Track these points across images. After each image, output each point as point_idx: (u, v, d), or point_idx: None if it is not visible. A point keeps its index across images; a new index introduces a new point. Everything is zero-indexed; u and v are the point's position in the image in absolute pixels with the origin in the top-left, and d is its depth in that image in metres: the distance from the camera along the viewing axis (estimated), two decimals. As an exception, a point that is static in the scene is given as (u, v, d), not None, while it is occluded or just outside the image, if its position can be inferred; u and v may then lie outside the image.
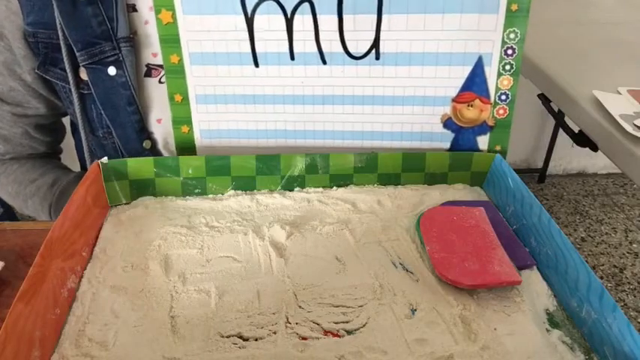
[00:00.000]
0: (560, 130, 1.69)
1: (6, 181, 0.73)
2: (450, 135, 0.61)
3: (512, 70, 0.59)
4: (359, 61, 0.58)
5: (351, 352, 0.40)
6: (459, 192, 0.61)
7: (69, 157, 0.83)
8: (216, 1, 0.55)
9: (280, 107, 0.60)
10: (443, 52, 0.58)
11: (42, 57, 0.61)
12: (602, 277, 1.63)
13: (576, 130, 0.82)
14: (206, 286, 0.46)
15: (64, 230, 0.46)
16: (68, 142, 0.81)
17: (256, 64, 0.58)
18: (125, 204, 0.57)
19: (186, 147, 0.62)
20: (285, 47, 0.57)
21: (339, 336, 0.42)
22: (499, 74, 0.59)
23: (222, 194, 0.58)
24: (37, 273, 0.40)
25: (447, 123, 0.61)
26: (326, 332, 0.42)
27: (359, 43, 0.57)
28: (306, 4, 0.55)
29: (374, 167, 0.60)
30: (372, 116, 0.61)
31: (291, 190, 0.59)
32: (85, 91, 0.62)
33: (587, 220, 1.89)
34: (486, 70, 0.59)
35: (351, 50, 0.58)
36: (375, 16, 0.56)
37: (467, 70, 0.59)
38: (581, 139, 0.79)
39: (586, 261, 0.45)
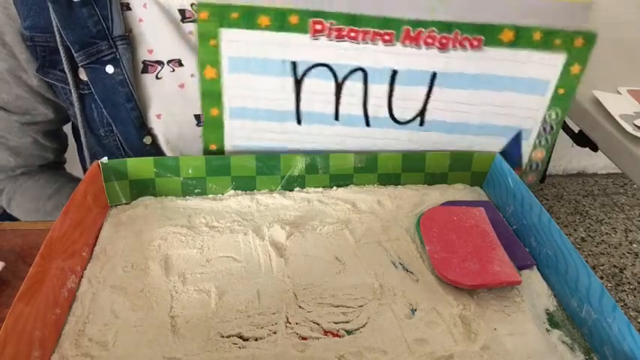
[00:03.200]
0: (560, 130, 1.69)
1: (22, 199, 0.72)
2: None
3: (546, 145, 0.61)
4: (403, 126, 0.59)
5: (351, 352, 0.40)
6: (459, 192, 0.61)
7: (69, 162, 0.83)
8: (264, 62, 0.55)
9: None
10: (484, 123, 0.59)
11: (40, 60, 0.62)
12: (602, 277, 1.62)
13: (576, 130, 0.82)
14: (206, 286, 0.46)
15: (64, 230, 0.46)
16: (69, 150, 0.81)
17: (299, 122, 0.58)
18: (125, 204, 0.57)
19: None
20: (331, 109, 0.58)
21: (339, 336, 0.42)
22: (534, 147, 0.61)
23: (222, 194, 0.58)
24: (37, 273, 0.40)
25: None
26: (326, 332, 0.42)
27: (405, 111, 0.58)
28: (359, 72, 0.56)
29: (374, 167, 0.60)
30: None
31: (291, 190, 0.59)
32: (85, 91, 0.63)
33: (587, 220, 1.89)
34: (523, 144, 0.61)
35: (397, 116, 0.58)
36: (426, 88, 0.57)
37: (504, 140, 0.61)
38: (581, 139, 0.79)
39: (586, 261, 0.45)
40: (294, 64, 0.55)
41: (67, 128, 0.78)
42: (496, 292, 0.46)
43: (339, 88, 0.56)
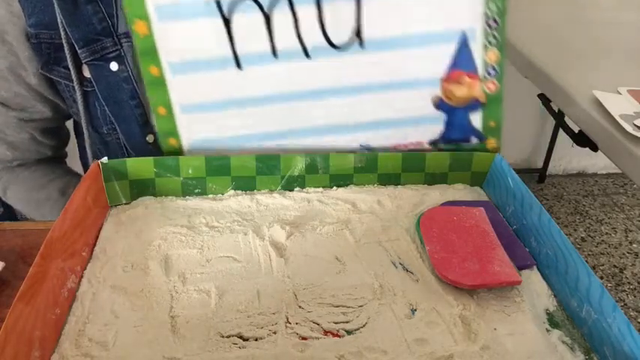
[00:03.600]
0: (560, 130, 1.69)
1: (16, 189, 0.73)
2: (442, 116, 0.60)
3: (497, 43, 0.57)
4: (343, 51, 0.57)
5: (351, 352, 0.40)
6: (459, 192, 0.61)
7: (70, 158, 0.83)
8: (192, 5, 0.53)
9: (268, 108, 0.59)
10: (426, 32, 0.57)
11: (45, 57, 0.62)
12: (602, 277, 1.62)
13: (576, 130, 0.82)
14: (206, 286, 0.46)
15: (64, 230, 0.46)
16: (70, 145, 0.81)
17: (239, 67, 0.57)
18: (125, 204, 0.57)
19: None
20: (267, 46, 0.56)
21: (339, 336, 0.42)
22: (485, 48, 0.58)
23: (222, 194, 0.58)
24: (37, 273, 0.40)
25: (439, 104, 0.60)
26: (326, 332, 0.42)
27: (341, 33, 0.56)
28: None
29: (374, 167, 0.60)
30: (362, 106, 0.59)
31: (291, 190, 0.59)
32: (88, 89, 0.63)
33: (587, 220, 1.89)
34: (471, 46, 0.58)
35: (334, 41, 0.56)
36: (353, 3, 0.55)
37: (452, 47, 0.58)
38: (581, 139, 0.79)
39: (586, 261, 0.45)
40: (218, 3, 0.54)
41: (69, 124, 0.78)
42: (496, 292, 0.46)
43: (267, 20, 0.55)
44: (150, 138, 0.65)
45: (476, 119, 0.61)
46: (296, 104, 0.59)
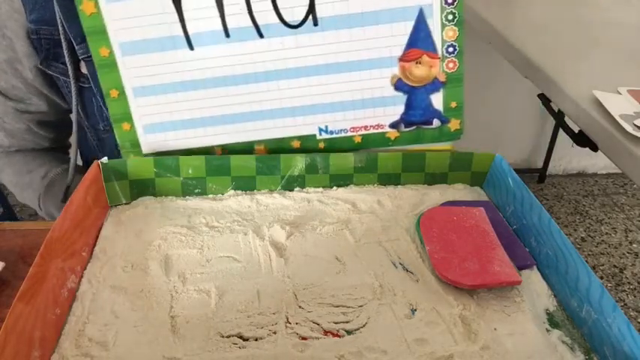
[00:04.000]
0: (560, 130, 1.69)
1: (9, 171, 0.74)
2: (402, 97, 0.59)
3: (455, 20, 0.56)
4: (297, 30, 0.56)
5: (351, 352, 0.40)
6: (459, 192, 0.61)
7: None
8: None
9: (222, 90, 0.57)
10: (381, 9, 0.55)
11: (44, 53, 0.63)
12: (602, 277, 1.62)
13: (576, 130, 0.82)
14: (206, 286, 0.46)
15: (64, 230, 0.46)
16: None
17: (191, 47, 0.55)
18: (125, 204, 0.57)
19: (131, 144, 0.58)
20: (218, 24, 0.55)
21: (339, 336, 0.42)
22: (443, 26, 0.57)
23: (222, 194, 0.58)
24: (37, 273, 0.40)
25: (398, 85, 0.59)
26: (326, 332, 0.42)
27: (294, 11, 0.55)
28: None
29: (374, 167, 0.60)
30: (319, 87, 0.58)
31: (291, 190, 0.59)
32: (85, 85, 0.64)
33: (587, 220, 1.89)
34: (429, 23, 0.56)
35: (287, 19, 0.55)
36: None
37: (409, 25, 0.57)
38: (581, 139, 0.79)
39: (586, 261, 0.45)
40: None
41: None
42: (496, 292, 0.46)
43: None
44: None
45: (437, 100, 0.59)
46: (251, 86, 0.57)
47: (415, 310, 0.45)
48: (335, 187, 0.60)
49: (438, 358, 0.40)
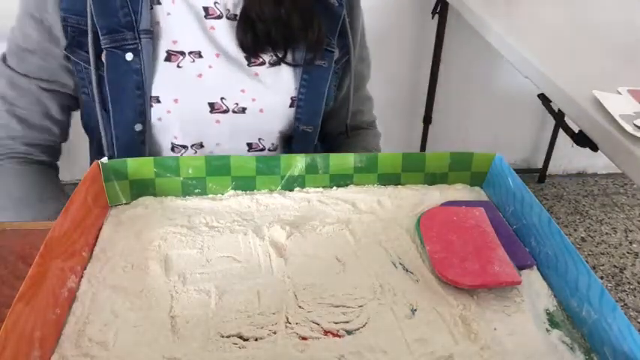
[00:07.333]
0: (560, 130, 1.69)
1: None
2: None
3: None
4: None
5: (351, 352, 0.40)
6: (459, 192, 0.61)
7: (72, 159, 0.83)
8: None
9: None
10: None
11: (69, 40, 0.66)
12: (602, 277, 1.62)
13: (576, 130, 0.82)
14: (206, 286, 0.46)
15: (64, 230, 0.46)
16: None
17: None
18: (125, 204, 0.57)
19: None
20: None
21: (339, 336, 0.42)
22: None
23: (222, 194, 0.58)
24: (37, 273, 0.40)
25: None
26: (326, 332, 0.42)
27: None
28: None
29: (374, 167, 0.60)
30: None
31: (291, 190, 0.59)
32: (104, 73, 0.67)
33: (587, 220, 1.89)
34: None
35: None
36: None
37: None
38: (581, 139, 0.79)
39: (586, 261, 0.45)
40: None
41: (71, 126, 0.78)
42: (496, 292, 0.46)
43: None
44: (138, 126, 0.68)
45: None
46: None
47: (415, 310, 0.45)
48: (335, 187, 0.60)
49: (438, 358, 0.40)
